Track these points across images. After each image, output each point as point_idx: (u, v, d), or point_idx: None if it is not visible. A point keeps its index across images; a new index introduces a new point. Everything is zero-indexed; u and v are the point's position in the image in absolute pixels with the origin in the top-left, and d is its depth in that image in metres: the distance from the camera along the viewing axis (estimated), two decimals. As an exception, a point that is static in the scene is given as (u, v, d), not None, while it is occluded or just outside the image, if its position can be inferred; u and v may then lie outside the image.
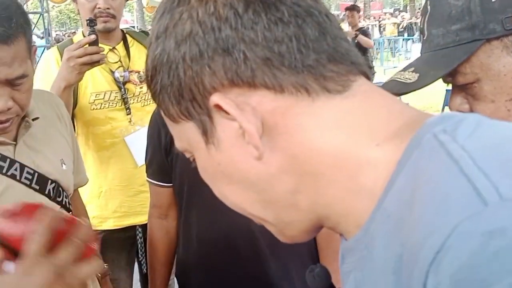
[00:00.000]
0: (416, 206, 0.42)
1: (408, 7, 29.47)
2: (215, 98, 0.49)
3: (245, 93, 0.49)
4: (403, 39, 19.32)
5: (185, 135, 0.56)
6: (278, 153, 0.51)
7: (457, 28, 0.85)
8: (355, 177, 0.49)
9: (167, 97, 0.53)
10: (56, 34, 18.92)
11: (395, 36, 20.27)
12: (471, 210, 0.37)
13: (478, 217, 0.37)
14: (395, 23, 22.08)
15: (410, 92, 0.89)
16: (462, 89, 0.90)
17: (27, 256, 0.72)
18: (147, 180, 1.57)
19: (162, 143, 1.44)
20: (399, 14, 24.36)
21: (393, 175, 0.46)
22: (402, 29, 21.34)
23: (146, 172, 1.57)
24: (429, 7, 0.90)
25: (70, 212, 1.34)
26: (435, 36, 0.88)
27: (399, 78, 0.92)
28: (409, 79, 0.89)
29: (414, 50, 15.22)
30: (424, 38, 0.92)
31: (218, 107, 0.50)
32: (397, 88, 0.90)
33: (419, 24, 0.94)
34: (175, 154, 1.41)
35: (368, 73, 0.55)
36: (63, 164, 1.32)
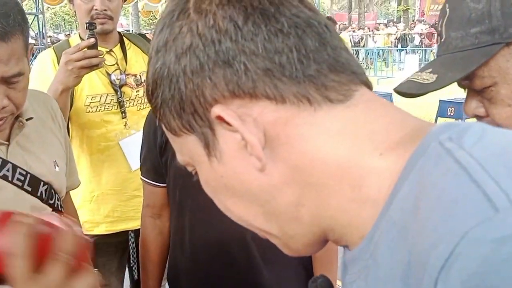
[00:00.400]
0: (421, 212, 0.41)
1: (401, 19, 29.70)
2: (217, 110, 0.49)
3: (246, 104, 0.50)
4: (397, 50, 19.48)
5: (187, 149, 0.55)
6: (280, 164, 0.51)
7: (477, 31, 0.85)
8: (358, 187, 0.49)
9: (168, 110, 0.54)
10: (49, 36, 18.84)
11: (388, 47, 20.42)
12: (482, 216, 0.37)
13: (489, 224, 0.36)
14: (389, 33, 22.24)
15: (427, 92, 0.89)
16: (478, 93, 0.90)
17: (14, 283, 0.64)
18: (141, 179, 1.54)
19: (158, 142, 1.42)
20: (393, 25, 24.53)
21: (398, 183, 0.46)
22: (396, 40, 21.51)
23: (140, 170, 1.54)
24: (448, 10, 0.90)
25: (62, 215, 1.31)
26: (454, 38, 0.88)
27: (416, 79, 0.92)
28: (427, 79, 0.89)
29: (408, 60, 15.34)
30: (442, 40, 0.92)
31: (220, 118, 0.50)
32: (414, 88, 0.91)
33: (438, 28, 0.94)
34: (170, 155, 1.39)
35: (369, 83, 0.54)
36: (56, 166, 1.29)
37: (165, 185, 1.48)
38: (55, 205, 1.27)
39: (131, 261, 2.06)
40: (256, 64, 0.49)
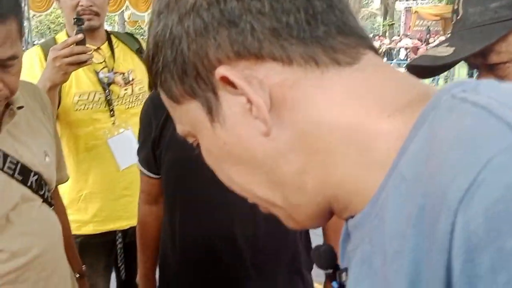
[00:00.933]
0: (437, 155, 0.39)
1: (387, 33, 30.00)
2: (221, 70, 0.47)
3: (252, 66, 0.48)
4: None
5: (188, 117, 0.53)
6: (286, 129, 0.49)
7: (496, 6, 0.85)
8: (366, 151, 0.47)
9: (169, 75, 0.51)
10: (34, 43, 18.64)
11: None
12: (505, 143, 0.35)
13: None
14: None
15: (444, 65, 0.87)
16: (491, 71, 0.89)
17: None
18: (138, 166, 1.52)
19: (152, 135, 1.40)
20: (378, 39, 24.76)
21: (407, 140, 0.44)
22: (382, 54, 21.74)
23: (137, 156, 1.51)
24: None
25: (52, 207, 1.29)
26: (472, 14, 0.88)
27: (431, 53, 0.91)
28: (444, 52, 0.88)
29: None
30: (458, 17, 0.91)
31: (224, 80, 0.48)
32: (429, 61, 0.89)
33: (455, 6, 0.93)
34: (164, 149, 1.38)
35: (376, 49, 0.53)
36: (47, 157, 1.27)
37: (157, 177, 1.46)
38: (45, 196, 1.25)
39: (118, 261, 2.03)
40: (263, 23, 0.47)
